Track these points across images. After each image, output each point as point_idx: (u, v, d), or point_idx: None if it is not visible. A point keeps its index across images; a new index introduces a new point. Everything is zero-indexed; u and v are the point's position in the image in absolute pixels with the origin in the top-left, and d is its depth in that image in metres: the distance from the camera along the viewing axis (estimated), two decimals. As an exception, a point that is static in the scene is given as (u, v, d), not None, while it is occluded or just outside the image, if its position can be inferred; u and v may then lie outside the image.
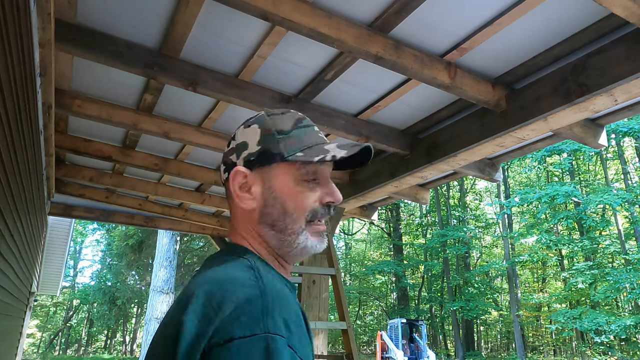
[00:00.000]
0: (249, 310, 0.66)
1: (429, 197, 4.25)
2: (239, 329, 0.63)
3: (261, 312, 0.66)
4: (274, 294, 0.70)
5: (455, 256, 26.81)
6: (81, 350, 34.74)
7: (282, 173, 0.85)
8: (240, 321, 0.64)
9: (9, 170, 1.99)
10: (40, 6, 1.68)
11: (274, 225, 0.84)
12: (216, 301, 0.67)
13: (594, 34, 2.11)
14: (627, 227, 21.50)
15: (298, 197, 0.84)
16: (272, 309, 0.67)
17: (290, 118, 0.89)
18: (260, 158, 0.85)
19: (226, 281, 0.72)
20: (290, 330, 0.67)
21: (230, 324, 0.64)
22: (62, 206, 5.33)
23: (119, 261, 24.07)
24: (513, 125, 2.49)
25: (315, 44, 2.31)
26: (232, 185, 0.86)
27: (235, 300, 0.67)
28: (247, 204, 0.86)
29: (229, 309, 0.66)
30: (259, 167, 0.85)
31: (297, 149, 0.84)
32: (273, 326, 0.65)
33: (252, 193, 0.86)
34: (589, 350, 20.74)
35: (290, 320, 0.68)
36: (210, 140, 3.38)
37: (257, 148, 0.86)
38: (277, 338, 0.64)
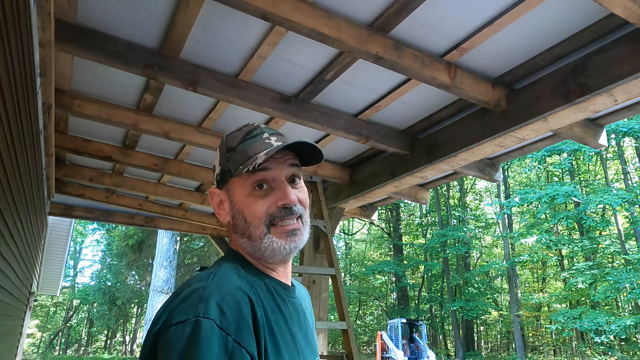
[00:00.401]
0: (188, 300, 0.75)
1: (429, 197, 4.25)
2: (177, 316, 0.72)
3: (198, 300, 0.74)
4: (217, 285, 0.78)
5: (455, 256, 26.80)
6: (81, 350, 34.73)
7: (236, 187, 0.93)
8: (180, 309, 0.73)
9: (9, 170, 1.99)
10: (40, 6, 1.68)
11: (243, 234, 0.92)
12: (174, 297, 0.78)
13: (594, 34, 2.11)
14: (627, 227, 21.49)
15: (251, 207, 0.91)
16: (209, 295, 0.74)
17: (240, 133, 0.96)
18: (222, 177, 0.95)
19: (190, 281, 0.82)
20: (225, 314, 0.73)
21: (174, 313, 0.74)
22: (62, 206, 5.33)
23: (119, 261, 24.07)
24: (513, 125, 2.49)
25: (315, 44, 2.31)
26: (212, 203, 0.98)
27: (183, 294, 0.77)
28: (223, 218, 0.96)
29: (177, 301, 0.76)
30: (222, 185, 0.96)
31: (241, 162, 0.91)
32: (204, 311, 0.72)
33: (224, 208, 0.96)
34: (589, 350, 20.74)
35: (226, 306, 0.74)
36: (210, 140, 3.38)
37: (219, 168, 0.96)
38: (205, 321, 0.71)
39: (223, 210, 0.96)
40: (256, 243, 0.90)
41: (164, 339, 0.71)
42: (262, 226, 0.89)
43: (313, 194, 3.94)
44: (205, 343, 0.68)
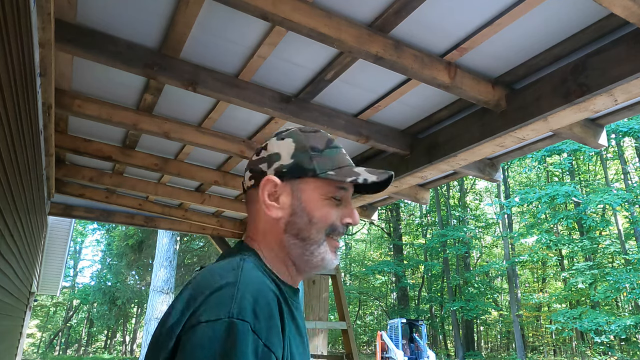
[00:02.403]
0: (218, 297, 0.70)
1: (429, 197, 4.25)
2: (205, 314, 0.67)
3: (229, 298, 0.69)
4: (247, 283, 0.73)
5: (455, 256, 26.81)
6: (81, 350, 34.73)
7: (312, 188, 0.89)
8: (208, 307, 0.68)
9: (9, 170, 1.99)
10: (40, 6, 1.68)
11: (298, 234, 0.88)
12: (198, 292, 0.72)
13: (594, 34, 2.11)
14: (627, 227, 21.50)
15: (323, 210, 0.89)
16: (242, 296, 0.70)
17: (322, 137, 0.94)
18: (292, 171, 0.89)
19: (211, 274, 0.76)
20: (258, 317, 0.69)
21: (200, 310, 0.69)
22: (62, 206, 5.33)
23: (119, 261, 24.07)
24: (513, 125, 2.49)
25: (315, 44, 2.31)
26: (262, 194, 0.90)
27: (209, 289, 0.71)
28: (274, 212, 0.89)
29: (202, 297, 0.70)
30: (289, 178, 0.90)
31: (329, 167, 0.90)
32: (238, 312, 0.67)
33: (280, 202, 0.90)
34: (589, 350, 20.74)
35: (260, 309, 0.70)
36: (210, 140, 3.38)
37: (290, 161, 0.90)
38: (239, 322, 0.66)
39: (276, 204, 0.89)
40: (312, 247, 0.88)
41: (191, 338, 0.66)
42: (323, 232, 0.89)
43: (313, 194, 3.94)
44: (240, 347, 0.64)
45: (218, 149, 3.44)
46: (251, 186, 0.93)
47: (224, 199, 5.16)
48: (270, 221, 0.90)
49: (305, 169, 0.89)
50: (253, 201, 0.93)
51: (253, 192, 0.93)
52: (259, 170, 0.92)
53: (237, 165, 4.23)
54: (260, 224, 0.92)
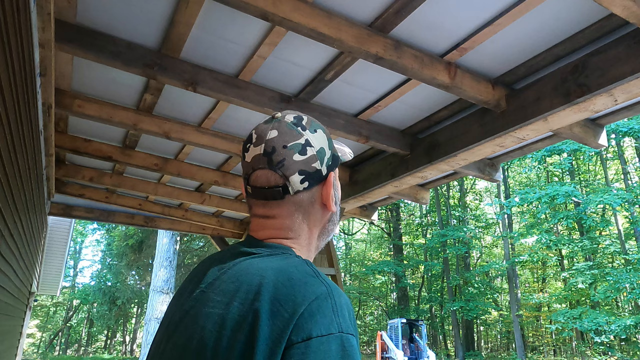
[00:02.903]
0: (321, 309, 0.68)
1: (429, 197, 4.25)
2: (316, 328, 0.66)
3: (332, 312, 0.68)
4: (338, 293, 0.72)
5: (455, 256, 26.81)
6: (81, 350, 34.73)
7: (335, 177, 0.91)
8: (316, 320, 0.67)
9: (9, 170, 1.99)
10: (40, 6, 1.68)
11: (334, 221, 0.92)
12: (287, 298, 0.69)
13: (594, 34, 2.11)
14: (627, 227, 21.50)
15: (338, 191, 0.92)
16: (341, 308, 0.70)
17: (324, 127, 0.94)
18: (335, 162, 0.89)
19: (291, 277, 0.72)
20: (355, 328, 0.71)
21: (307, 322, 0.66)
22: (62, 206, 5.34)
23: (119, 261, 24.06)
24: (513, 125, 2.49)
25: (315, 44, 2.31)
26: (325, 193, 0.87)
27: (307, 298, 0.69)
28: (333, 206, 0.89)
29: (302, 307, 0.68)
30: (332, 170, 0.89)
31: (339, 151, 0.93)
32: (345, 326, 0.69)
33: (332, 196, 0.89)
34: (589, 350, 20.74)
35: (353, 319, 0.72)
36: (210, 140, 3.38)
37: (329, 152, 0.88)
38: (350, 337, 0.68)
39: (332, 198, 0.88)
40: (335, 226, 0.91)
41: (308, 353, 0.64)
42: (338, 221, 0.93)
43: (313, 194, 3.94)
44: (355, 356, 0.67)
45: (218, 149, 3.44)
46: (305, 189, 0.85)
47: (224, 199, 5.16)
48: (326, 216, 0.90)
49: (338, 158, 0.91)
50: (301, 203, 0.86)
51: (304, 194, 0.86)
52: (313, 170, 0.85)
53: (237, 165, 4.23)
54: (309, 223, 0.88)
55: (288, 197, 0.85)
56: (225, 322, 0.70)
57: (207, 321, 0.72)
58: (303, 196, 0.86)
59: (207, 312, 0.73)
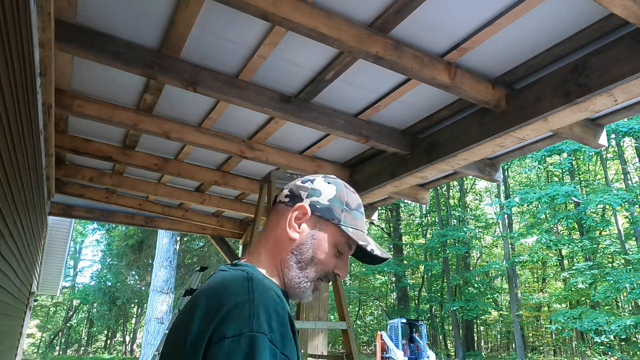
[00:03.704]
0: (237, 314, 0.80)
1: (429, 197, 4.25)
2: (230, 330, 0.78)
3: (248, 315, 0.80)
4: (262, 299, 0.84)
5: (455, 256, 26.81)
6: (81, 350, 34.73)
7: (329, 232, 1.02)
8: (231, 322, 0.79)
9: (9, 170, 1.99)
10: (40, 6, 1.68)
11: (299, 261, 1.01)
12: (214, 307, 0.82)
13: (594, 34, 2.11)
14: (627, 227, 21.49)
15: (326, 255, 1.02)
16: (258, 312, 0.81)
17: (356, 200, 1.09)
18: (323, 211, 1.02)
19: (222, 290, 0.87)
20: (273, 329, 0.81)
21: (223, 325, 0.79)
22: (62, 206, 5.34)
23: (119, 261, 24.04)
24: (513, 125, 2.49)
25: (315, 44, 2.31)
26: (291, 214, 1.02)
27: (227, 306, 0.81)
28: (292, 233, 1.01)
29: (222, 314, 0.80)
30: (317, 215, 1.02)
31: (351, 225, 1.03)
32: (257, 326, 0.79)
33: (300, 228, 1.02)
34: (589, 350, 20.74)
35: (273, 321, 0.82)
36: (210, 140, 3.38)
37: (325, 203, 1.03)
38: (260, 336, 0.78)
39: (297, 227, 1.01)
40: (301, 278, 1.00)
41: (221, 350, 0.76)
42: (316, 274, 1.02)
43: (313, 194, 3.94)
44: (261, 357, 0.76)
45: (218, 149, 3.44)
46: (284, 202, 1.05)
47: (224, 199, 5.16)
48: (285, 238, 1.02)
49: (333, 215, 1.02)
50: (278, 214, 1.05)
51: (283, 207, 1.05)
52: (297, 194, 1.04)
53: (237, 165, 4.23)
54: (274, 235, 1.04)
55: (275, 205, 1.07)
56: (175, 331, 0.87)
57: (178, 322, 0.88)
58: (281, 207, 1.05)
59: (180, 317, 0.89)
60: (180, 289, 16.45)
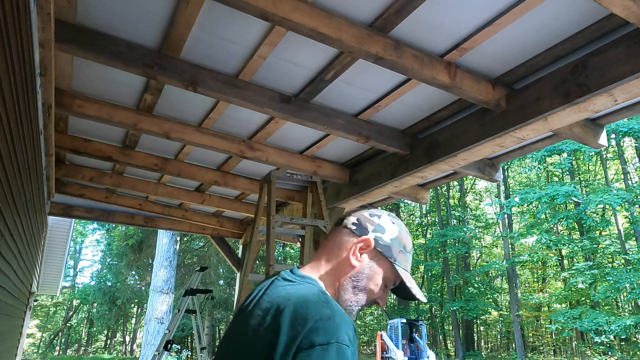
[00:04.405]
0: (323, 326, 0.91)
1: (429, 197, 4.25)
2: (318, 339, 0.89)
3: (333, 328, 0.91)
4: (341, 315, 0.96)
5: (455, 256, 26.80)
6: (81, 350, 34.73)
7: (384, 267, 1.15)
8: (318, 333, 0.90)
9: (9, 170, 1.99)
10: (40, 6, 1.68)
11: (354, 287, 1.13)
12: (301, 318, 0.93)
13: (594, 34, 2.11)
14: (627, 227, 21.49)
15: (377, 287, 1.15)
16: (340, 326, 0.92)
17: (410, 243, 1.22)
18: (384, 248, 1.15)
19: (304, 303, 0.97)
20: (351, 342, 0.93)
21: (311, 335, 0.90)
22: (62, 206, 5.34)
23: (119, 261, 24.04)
24: (513, 125, 2.49)
25: (315, 44, 2.31)
26: (356, 243, 1.14)
27: (314, 318, 0.92)
28: (354, 261, 1.13)
29: (310, 323, 0.91)
30: (377, 250, 1.15)
31: (403, 266, 1.16)
32: (342, 338, 0.91)
33: (361, 257, 1.14)
34: (589, 350, 20.74)
35: (349, 335, 0.94)
36: (210, 140, 3.38)
37: (387, 241, 1.15)
38: (344, 347, 0.90)
39: (358, 256, 1.14)
40: (352, 301, 1.13)
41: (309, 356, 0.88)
42: (365, 300, 1.14)
43: (313, 194, 3.95)
44: None
45: (218, 149, 3.44)
46: (351, 230, 1.16)
47: (224, 199, 5.16)
48: (347, 263, 1.13)
49: (391, 254, 1.15)
50: (342, 238, 1.16)
51: (348, 232, 1.16)
52: (364, 226, 1.16)
53: (237, 165, 4.23)
54: (337, 257, 1.15)
55: (340, 227, 1.19)
56: (260, 330, 0.97)
57: (249, 328, 0.99)
58: (347, 233, 1.16)
59: (253, 322, 1.00)
60: (180, 289, 16.45)
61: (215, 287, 21.27)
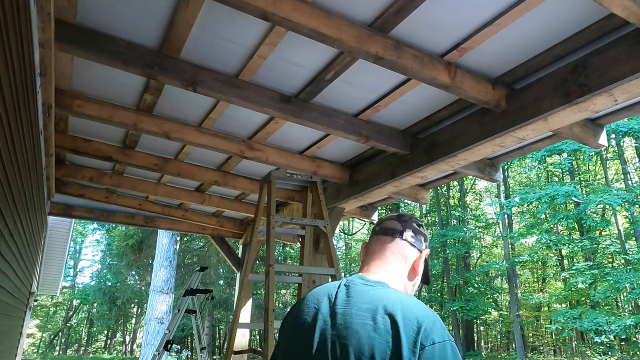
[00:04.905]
0: (435, 327, 1.05)
1: (429, 197, 4.25)
2: (436, 337, 1.03)
3: (441, 327, 1.06)
4: (438, 315, 1.10)
5: (455, 256, 26.80)
6: (81, 350, 34.73)
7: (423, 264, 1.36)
8: (435, 332, 1.04)
9: (9, 170, 1.99)
10: (40, 6, 1.68)
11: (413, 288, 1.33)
12: (413, 317, 1.06)
13: (594, 34, 2.11)
14: (627, 227, 21.48)
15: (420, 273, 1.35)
16: (443, 325, 1.07)
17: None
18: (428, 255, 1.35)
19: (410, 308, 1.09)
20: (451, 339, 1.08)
21: (430, 333, 1.03)
22: (62, 206, 5.34)
23: (119, 261, 24.04)
24: (513, 125, 2.49)
25: (315, 44, 2.31)
26: (417, 261, 1.30)
27: (427, 321, 1.06)
28: (418, 271, 1.31)
29: (424, 323, 1.05)
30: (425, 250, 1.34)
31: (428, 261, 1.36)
32: (449, 336, 1.06)
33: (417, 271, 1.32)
34: (589, 350, 20.74)
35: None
36: (210, 140, 3.38)
37: (426, 244, 1.34)
38: (454, 343, 1.05)
39: (419, 267, 1.32)
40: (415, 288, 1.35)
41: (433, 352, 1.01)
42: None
43: (313, 194, 3.95)
44: (459, 357, 1.05)
45: (218, 149, 3.44)
46: (410, 242, 1.30)
47: (224, 199, 5.16)
48: (412, 273, 1.30)
49: (428, 244, 1.35)
50: (404, 250, 1.29)
51: (408, 245, 1.30)
52: (420, 240, 1.32)
53: (237, 165, 4.23)
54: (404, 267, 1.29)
55: (399, 239, 1.30)
56: (377, 330, 1.05)
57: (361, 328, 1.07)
58: (408, 248, 1.30)
59: (358, 322, 1.08)
60: (180, 289, 16.45)
61: (215, 287, 21.26)
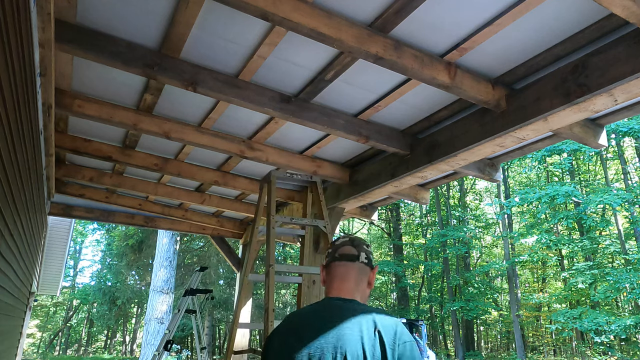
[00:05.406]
0: (405, 330, 1.38)
1: (429, 197, 4.25)
2: (406, 338, 1.36)
3: (407, 331, 1.38)
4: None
5: (455, 256, 26.79)
6: (81, 350, 34.72)
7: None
8: (405, 334, 1.37)
9: (9, 170, 1.99)
10: (40, 6, 1.68)
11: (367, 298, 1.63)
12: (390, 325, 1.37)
13: (594, 34, 2.11)
14: (627, 227, 21.48)
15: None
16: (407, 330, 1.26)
17: None
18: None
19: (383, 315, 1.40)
20: None
21: (402, 336, 1.36)
22: (62, 206, 5.34)
23: (119, 261, 24.04)
24: (513, 125, 2.49)
25: (315, 44, 2.31)
26: (372, 276, 1.57)
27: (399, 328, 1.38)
28: (372, 285, 1.58)
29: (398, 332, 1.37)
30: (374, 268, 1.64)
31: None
32: (412, 338, 1.38)
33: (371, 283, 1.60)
34: (589, 350, 20.74)
35: None
36: (210, 140, 3.38)
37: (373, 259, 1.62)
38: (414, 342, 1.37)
39: (374, 280, 1.59)
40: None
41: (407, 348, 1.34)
42: None
43: (313, 194, 3.95)
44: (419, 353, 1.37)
45: (218, 149, 3.44)
46: (365, 263, 1.55)
47: (224, 199, 5.16)
48: (368, 289, 1.56)
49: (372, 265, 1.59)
50: (363, 271, 1.54)
51: (364, 266, 1.54)
52: (370, 258, 1.58)
53: (237, 165, 4.23)
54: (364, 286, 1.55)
55: (357, 262, 1.54)
56: (365, 337, 1.33)
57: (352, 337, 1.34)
58: (364, 267, 1.54)
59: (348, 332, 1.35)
60: (180, 289, 16.45)
61: (215, 287, 21.27)
